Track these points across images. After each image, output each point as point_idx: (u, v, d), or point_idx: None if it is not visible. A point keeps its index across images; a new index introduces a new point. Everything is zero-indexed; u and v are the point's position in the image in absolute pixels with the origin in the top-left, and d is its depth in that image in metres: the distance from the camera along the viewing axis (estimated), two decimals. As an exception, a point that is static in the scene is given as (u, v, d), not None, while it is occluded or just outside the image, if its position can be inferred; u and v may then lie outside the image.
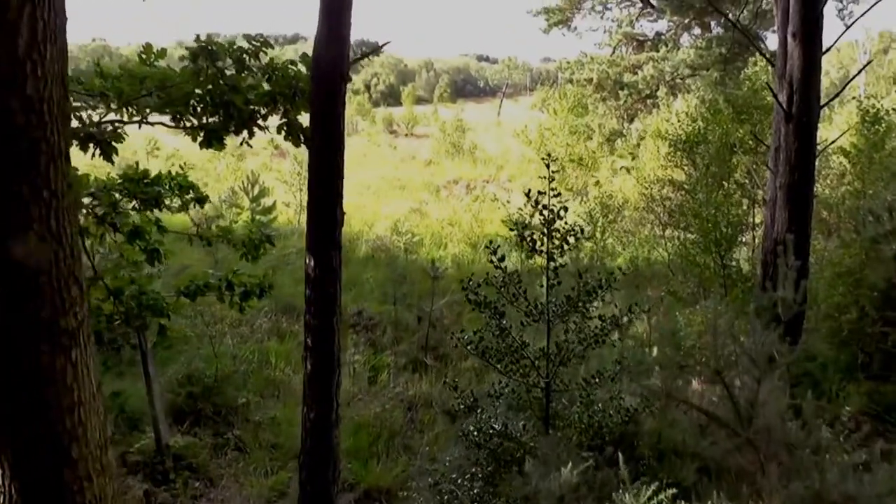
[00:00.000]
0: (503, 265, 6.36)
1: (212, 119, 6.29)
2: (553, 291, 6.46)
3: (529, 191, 6.19)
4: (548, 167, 6.12)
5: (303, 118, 6.27)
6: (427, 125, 54.08)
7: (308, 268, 5.21)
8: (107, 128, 6.21)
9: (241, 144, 6.50)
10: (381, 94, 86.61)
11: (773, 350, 4.61)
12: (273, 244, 7.34)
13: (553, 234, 6.21)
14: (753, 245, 15.26)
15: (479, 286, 6.33)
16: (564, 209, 6.14)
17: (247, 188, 18.62)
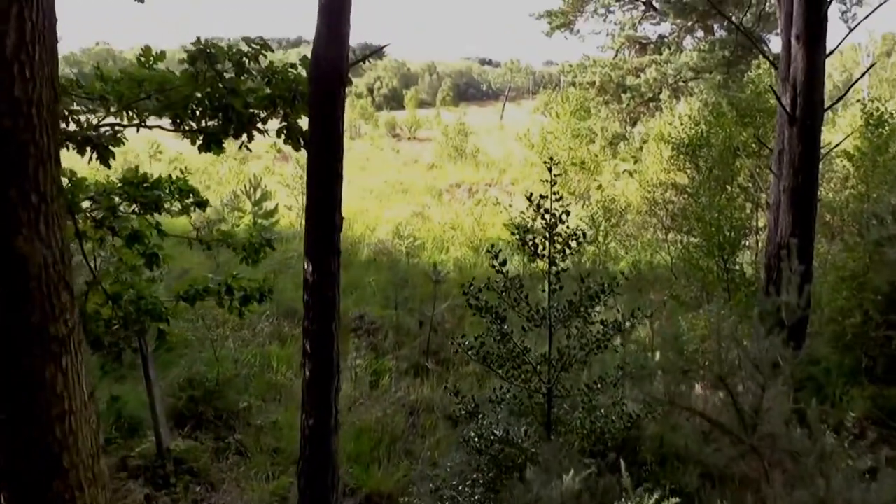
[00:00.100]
0: (505, 270, 6.32)
1: (211, 123, 6.24)
2: (555, 296, 6.41)
3: (531, 195, 6.15)
4: (550, 171, 6.08)
5: (303, 122, 6.20)
6: (430, 129, 54.06)
7: (306, 273, 5.16)
8: (106, 131, 6.18)
9: (241, 148, 6.45)
10: (384, 98, 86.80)
11: (778, 356, 4.56)
12: (273, 248, 7.30)
13: (555, 239, 6.16)
14: (757, 249, 15.18)
15: (481, 291, 6.28)
16: (566, 213, 6.09)
17: (249, 192, 18.57)
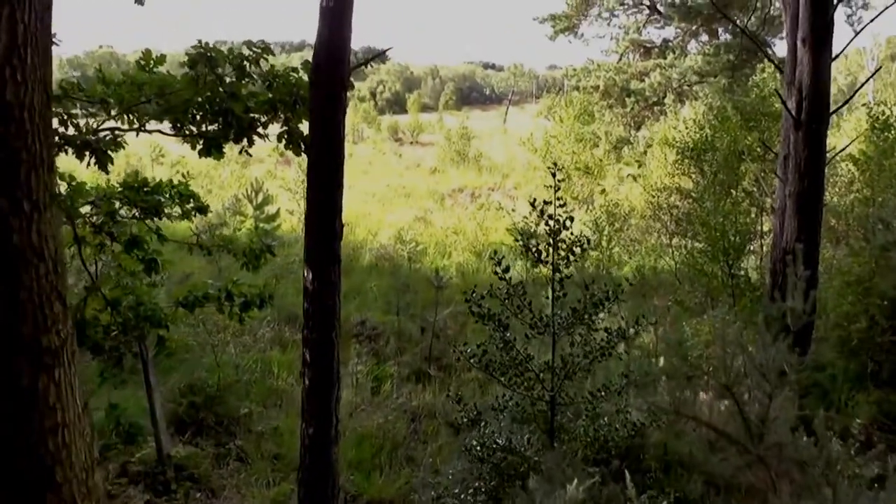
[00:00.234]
0: (508, 276, 6.26)
1: (211, 127, 6.19)
2: (558, 303, 6.35)
3: (535, 200, 6.08)
4: (554, 176, 6.01)
5: (304, 126, 6.15)
6: (432, 133, 54.04)
7: (306, 281, 5.09)
8: (106, 135, 6.13)
9: (241, 153, 6.40)
10: (387, 102, 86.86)
11: (785, 365, 4.50)
12: (274, 254, 7.25)
13: (559, 245, 6.10)
14: (761, 254, 15.11)
15: (483, 298, 6.22)
16: (570, 219, 6.03)
17: (250, 196, 18.52)
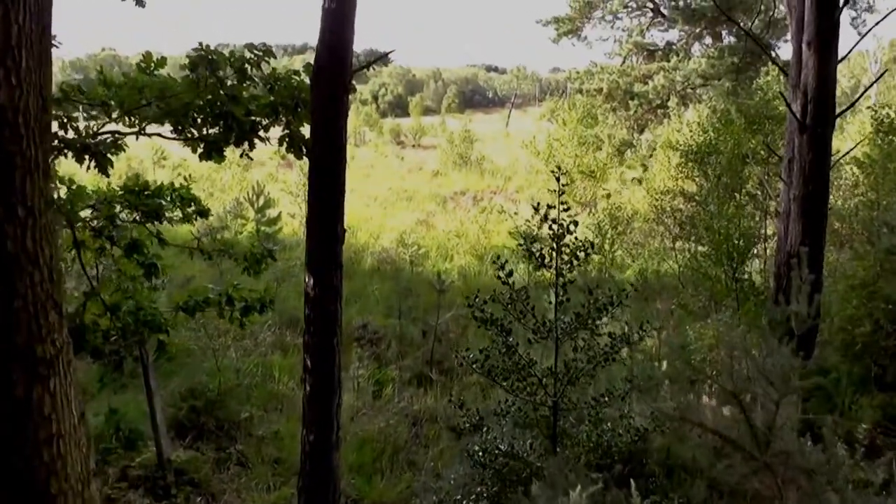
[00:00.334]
0: (511, 281, 6.21)
1: (212, 130, 6.15)
2: (561, 308, 6.31)
3: (538, 205, 6.03)
4: (558, 180, 5.96)
5: (305, 130, 6.12)
6: (435, 136, 53.98)
7: (307, 286, 5.04)
8: (106, 138, 6.09)
9: (242, 156, 6.36)
10: (389, 105, 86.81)
11: (791, 372, 4.45)
12: (275, 259, 7.21)
13: (562, 250, 6.05)
14: (765, 257, 15.05)
15: (486, 303, 6.18)
16: (574, 223, 5.98)
17: (252, 199, 18.47)
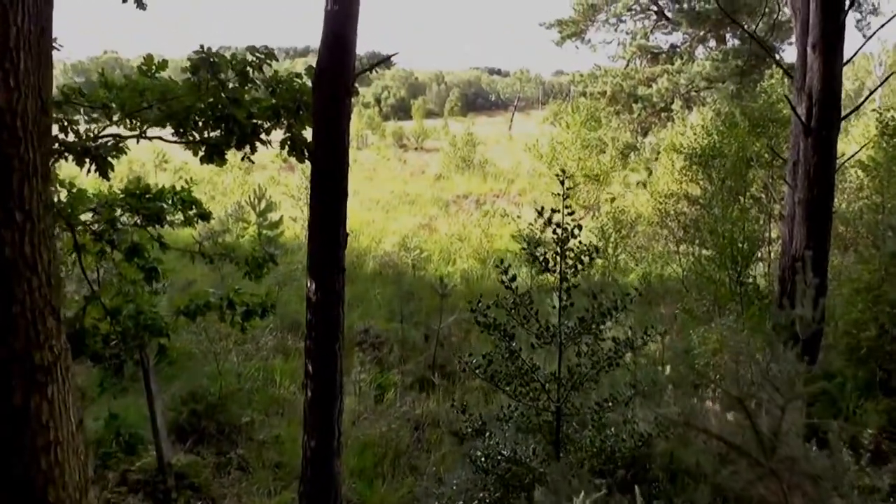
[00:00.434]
0: (514, 285, 6.17)
1: (213, 133, 6.12)
2: (565, 312, 6.26)
3: (542, 209, 5.98)
4: (562, 184, 5.92)
5: (308, 133, 6.09)
6: (437, 139, 53.94)
7: (309, 291, 5.01)
8: (108, 141, 6.06)
9: (243, 160, 6.32)
10: (392, 108, 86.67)
11: (797, 377, 4.42)
12: (276, 263, 7.17)
13: (566, 254, 6.00)
14: (770, 261, 15.00)
15: (489, 308, 6.14)
16: (579, 227, 5.93)
17: (253, 202, 18.43)
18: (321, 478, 5.10)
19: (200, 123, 6.06)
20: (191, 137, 6.22)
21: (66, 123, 5.75)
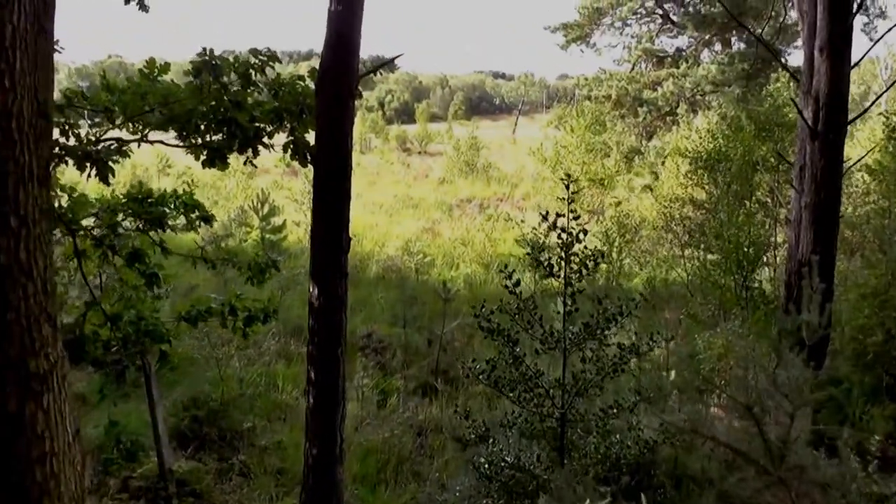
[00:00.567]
0: (518, 290, 6.11)
1: (215, 137, 6.06)
2: (569, 318, 6.21)
3: (546, 213, 5.93)
4: (567, 188, 5.86)
5: (311, 137, 6.05)
6: (441, 143, 53.91)
7: (312, 296, 4.95)
8: (111, 145, 6.01)
9: (246, 163, 6.27)
10: (395, 112, 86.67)
11: (805, 384, 4.35)
12: (278, 269, 7.11)
13: (571, 259, 5.94)
14: (776, 265, 14.93)
15: (493, 313, 6.08)
16: (584, 232, 5.88)
17: (256, 207, 18.40)
18: (323, 485, 5.04)
19: (202, 127, 6.01)
20: (193, 141, 6.17)
21: (68, 127, 5.70)
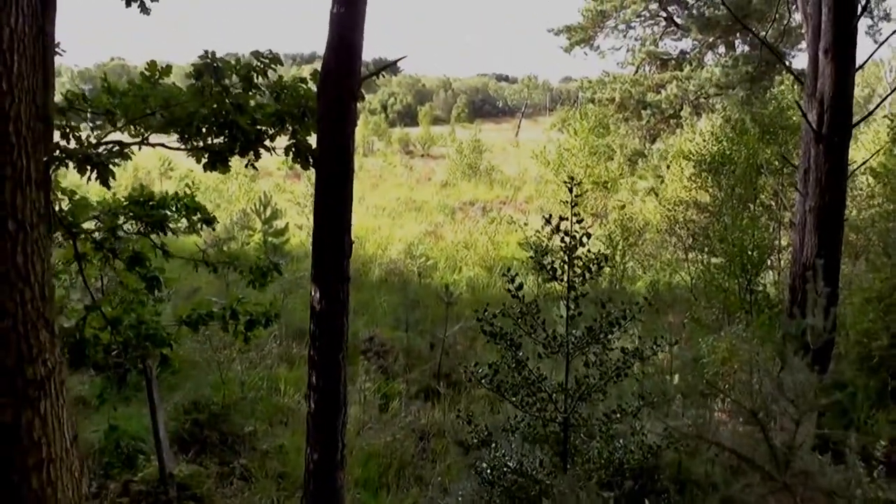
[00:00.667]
0: (521, 294, 6.08)
1: (216, 140, 6.02)
2: (573, 321, 6.18)
3: (550, 216, 5.90)
4: (571, 191, 5.83)
5: (313, 139, 6.01)
6: (444, 146, 53.94)
7: (313, 300, 4.92)
8: (113, 147, 5.97)
9: (247, 166, 6.23)
10: (398, 114, 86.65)
11: (810, 389, 4.32)
12: (280, 272, 7.07)
13: (574, 262, 5.91)
14: (780, 269, 14.89)
15: (495, 317, 6.05)
16: (588, 235, 5.85)
17: (259, 210, 18.39)
18: (324, 491, 5.00)
19: (203, 130, 5.96)
20: (194, 144, 6.12)
21: (68, 130, 5.67)
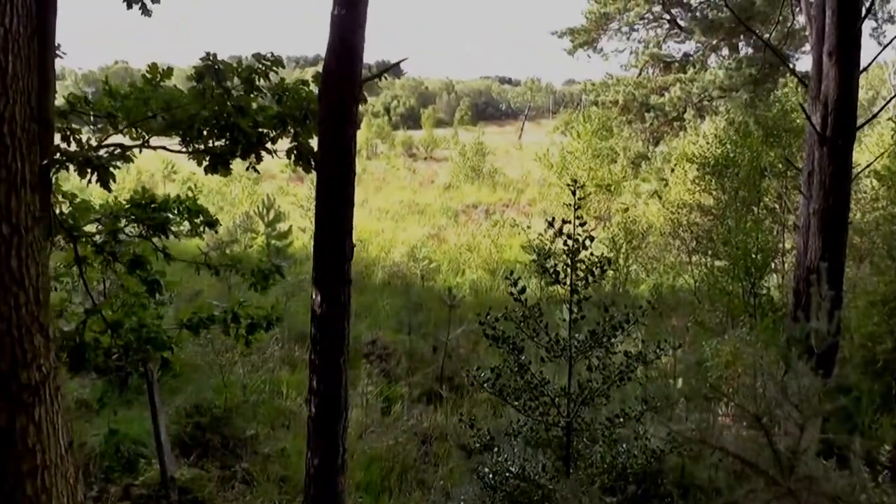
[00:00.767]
0: (524, 297, 6.06)
1: (218, 143, 6.00)
2: (576, 325, 6.15)
3: (553, 219, 5.87)
4: (574, 194, 5.80)
5: (314, 142, 5.98)
6: (447, 148, 53.95)
7: (314, 303, 4.89)
8: (114, 150, 5.95)
9: (248, 169, 6.21)
10: (401, 117, 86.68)
11: (815, 394, 4.29)
12: (282, 275, 7.04)
13: (577, 266, 5.88)
14: (784, 272, 14.84)
15: (498, 321, 6.03)
16: (590, 238, 5.82)
17: (262, 213, 18.39)
18: (325, 496, 4.97)
19: (205, 132, 5.94)
20: (195, 146, 6.10)
21: (69, 132, 5.65)
